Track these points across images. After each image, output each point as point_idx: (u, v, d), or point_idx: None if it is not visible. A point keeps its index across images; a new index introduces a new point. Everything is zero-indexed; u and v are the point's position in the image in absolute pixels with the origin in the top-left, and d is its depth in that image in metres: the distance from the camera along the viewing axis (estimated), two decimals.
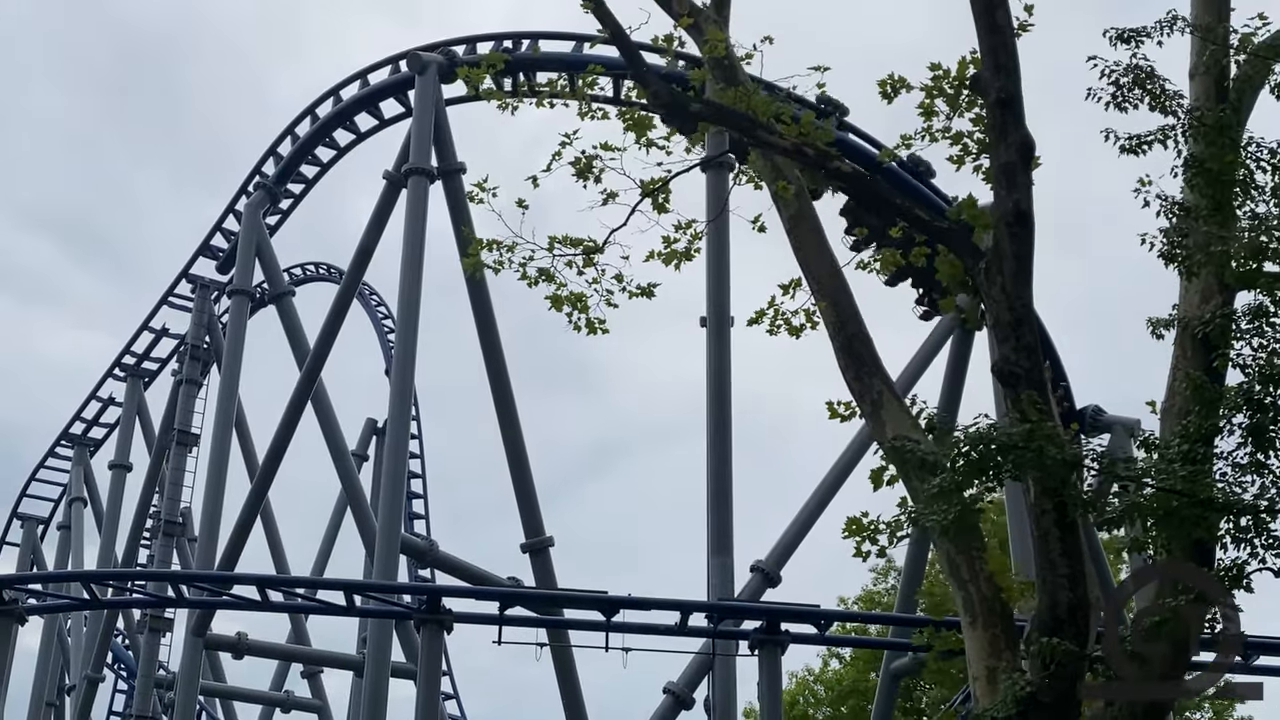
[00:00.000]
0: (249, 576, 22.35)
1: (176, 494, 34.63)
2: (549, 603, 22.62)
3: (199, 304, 36.62)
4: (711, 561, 23.22)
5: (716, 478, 23.33)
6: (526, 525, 26.72)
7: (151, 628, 33.31)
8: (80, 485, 43.16)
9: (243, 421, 34.92)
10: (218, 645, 28.46)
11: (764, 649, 20.90)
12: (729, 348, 24.12)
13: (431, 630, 21.13)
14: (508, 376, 27.48)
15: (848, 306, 14.13)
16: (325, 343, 29.37)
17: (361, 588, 21.93)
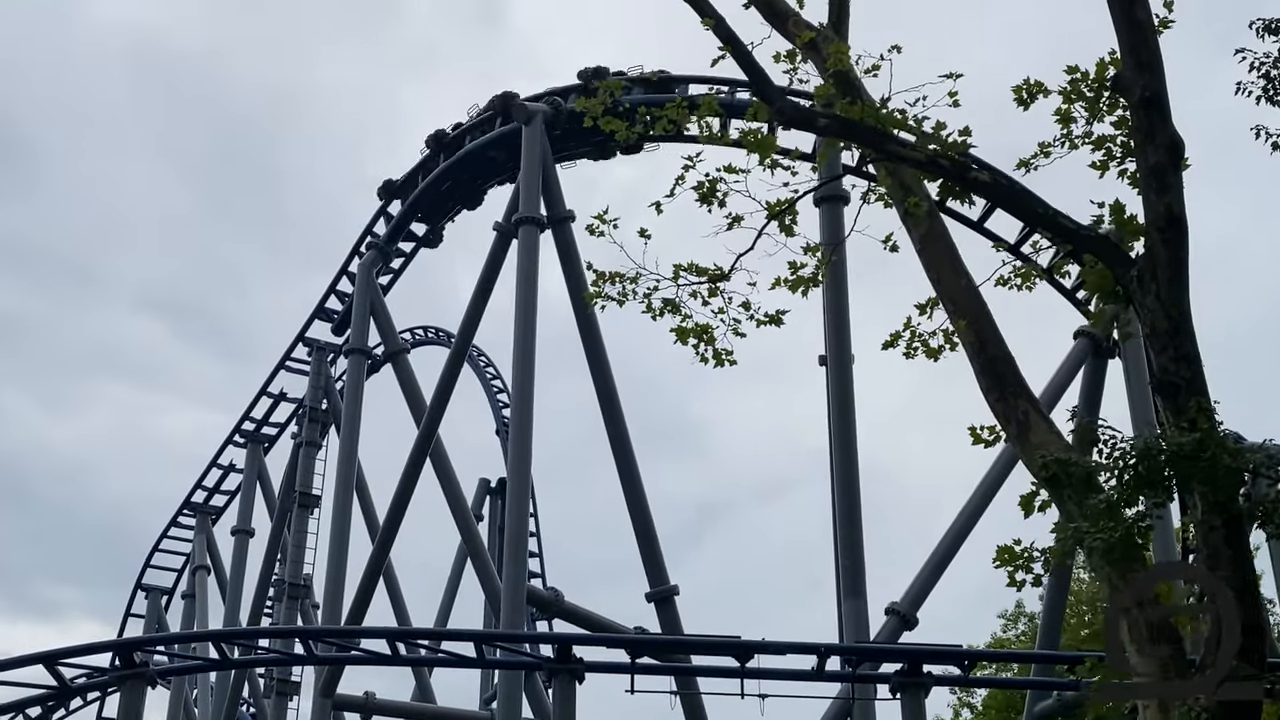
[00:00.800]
0: (378, 630, 22.13)
1: (300, 556, 34.73)
2: (681, 649, 22.04)
3: (316, 366, 36.91)
4: (845, 605, 22.58)
5: (846, 519, 22.72)
6: (650, 574, 26.25)
7: (279, 691, 33.34)
8: (203, 553, 43.59)
9: (362, 481, 34.97)
10: (345, 705, 28.31)
11: (906, 691, 20.12)
12: (851, 385, 23.59)
13: (563, 680, 20.66)
14: (625, 426, 27.11)
15: (987, 326, 13.51)
16: (442, 398, 29.33)
17: (491, 638, 21.56)
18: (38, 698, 21.66)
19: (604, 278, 14.60)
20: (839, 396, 23.42)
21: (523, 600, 23.58)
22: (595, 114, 14.56)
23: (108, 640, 21.28)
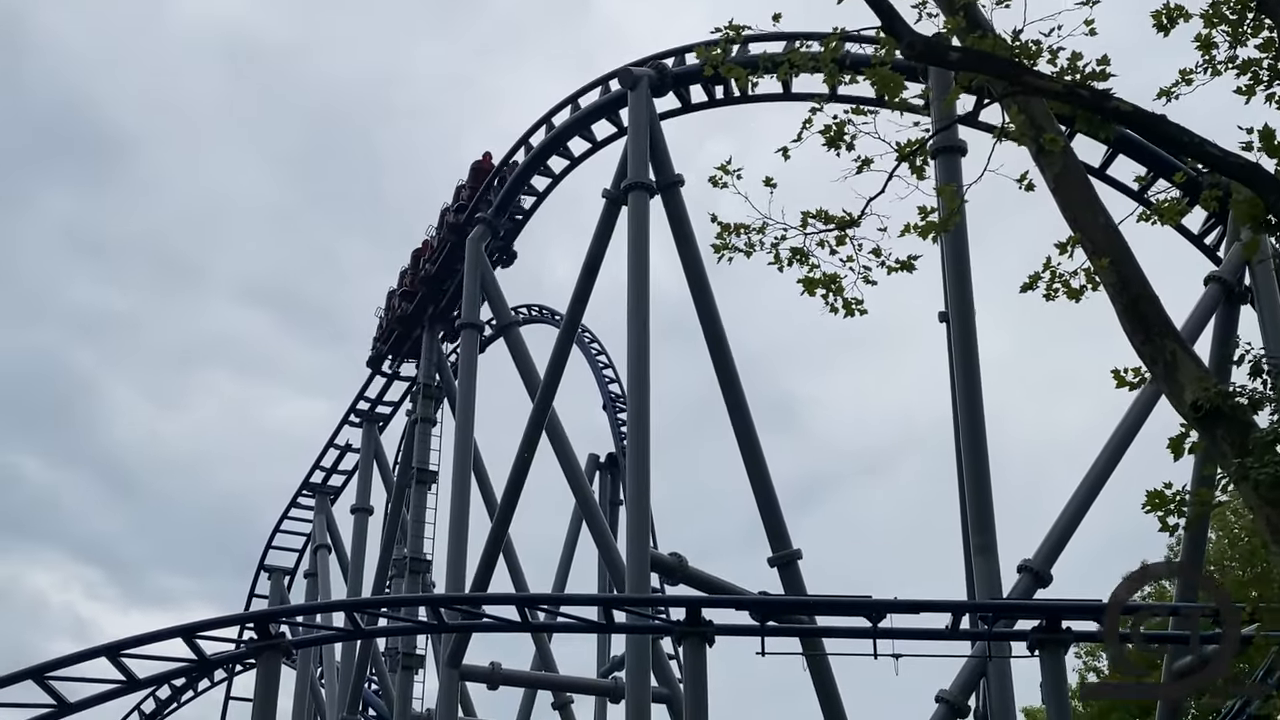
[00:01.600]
0: (504, 596, 22.22)
1: (419, 531, 35.05)
2: (813, 610, 21.79)
3: (429, 343, 37.17)
4: (975, 562, 22.16)
5: (973, 474, 22.28)
6: (772, 538, 26.04)
7: (404, 665, 33.73)
8: (323, 532, 44.26)
9: (478, 457, 35.11)
10: (472, 676, 28.48)
11: (1046, 648, 19.68)
12: (975, 338, 23.12)
13: (693, 643, 20.54)
14: (741, 388, 26.90)
15: (1129, 266, 13.05)
16: (556, 369, 29.31)
17: (620, 602, 21.52)
18: (178, 670, 21.99)
19: (729, 229, 14.41)
20: (962, 350, 22.97)
21: (647, 566, 23.51)
22: (716, 62, 14.34)
23: (243, 613, 21.58)
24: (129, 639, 21.44)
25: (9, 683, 21.19)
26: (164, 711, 54.02)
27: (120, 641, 21.44)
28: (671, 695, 28.00)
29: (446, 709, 27.69)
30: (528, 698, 37.23)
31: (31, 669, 21.15)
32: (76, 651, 21.46)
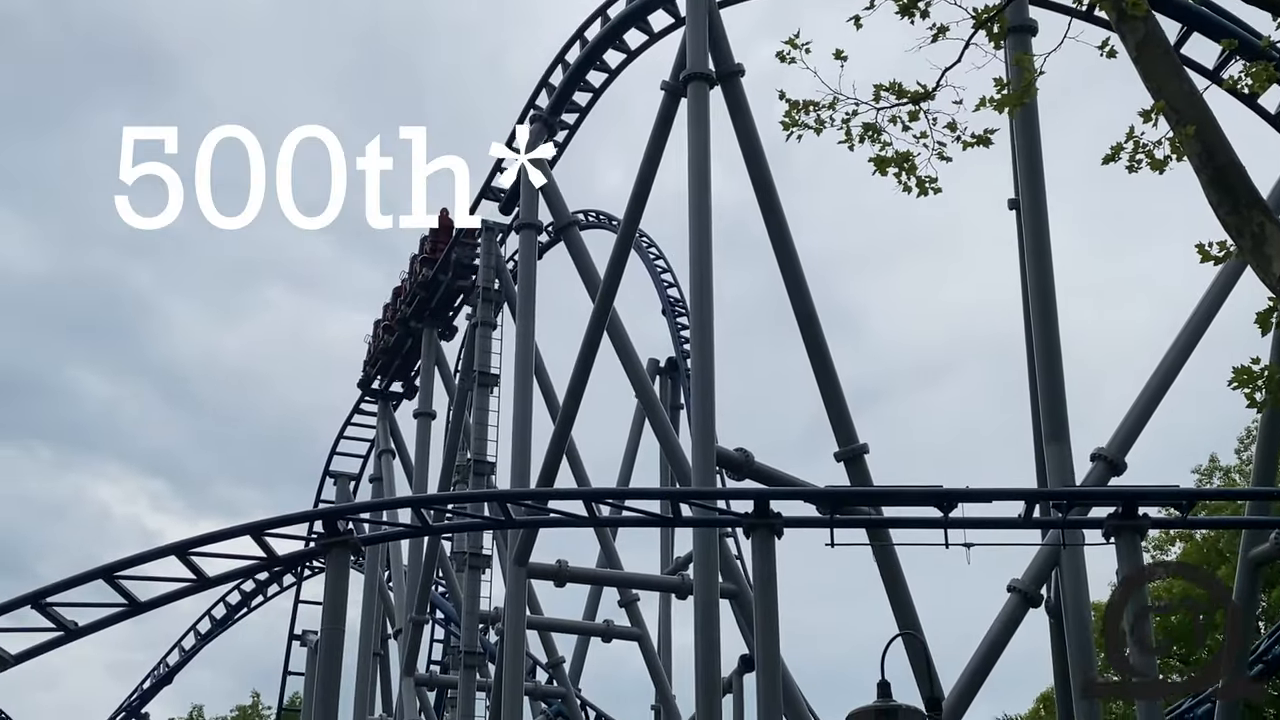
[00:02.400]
0: (571, 491, 22.13)
1: (483, 434, 35.05)
2: (883, 500, 21.52)
3: (486, 246, 36.95)
4: (1047, 451, 21.81)
5: (1046, 359, 21.84)
6: (839, 433, 25.71)
7: (471, 565, 33.93)
8: (386, 438, 44.55)
9: (539, 359, 34.99)
10: (539, 574, 28.54)
11: (1122, 535, 19.32)
12: (1046, 217, 22.54)
13: (762, 535, 20.36)
14: (805, 282, 26.46)
15: (1214, 135, 12.46)
16: (616, 269, 28.98)
17: (687, 495, 21.36)
18: (247, 569, 22.16)
19: (798, 107, 13.97)
20: (1034, 230, 22.41)
21: (712, 460, 23.30)
22: None
23: (311, 510, 21.63)
24: (198, 537, 21.57)
25: (80, 582, 21.42)
26: (234, 616, 55.21)
27: (189, 540, 21.58)
28: (739, 591, 27.95)
29: (514, 607, 27.79)
30: (594, 596, 37.52)
31: (102, 568, 21.35)
32: (146, 550, 21.65)
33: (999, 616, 21.80)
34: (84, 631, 21.94)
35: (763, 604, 20.63)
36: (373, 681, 43.10)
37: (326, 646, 21.18)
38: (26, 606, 21.54)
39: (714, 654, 22.58)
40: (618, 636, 34.74)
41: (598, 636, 35.75)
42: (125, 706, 55.56)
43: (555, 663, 37.13)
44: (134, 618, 21.99)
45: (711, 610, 22.75)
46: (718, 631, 22.92)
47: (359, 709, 41.71)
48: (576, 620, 36.84)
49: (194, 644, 54.58)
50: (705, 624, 22.59)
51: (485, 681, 34.63)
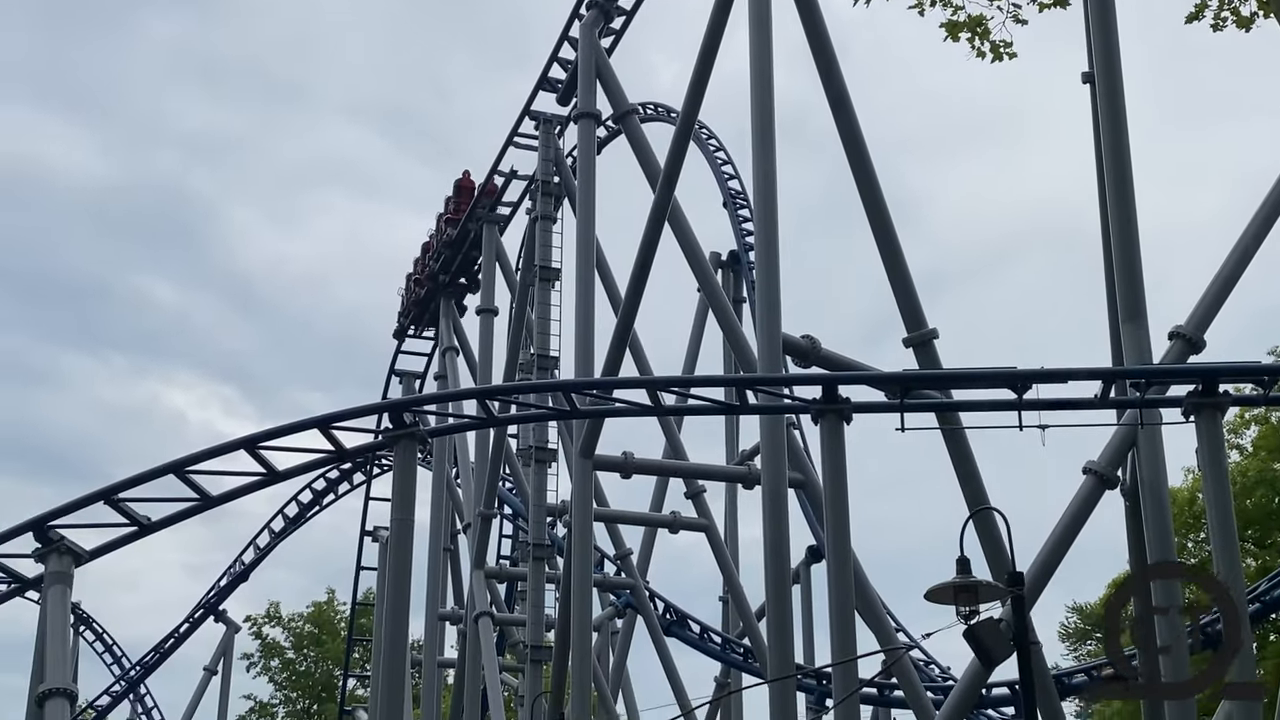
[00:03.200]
0: (637, 379, 21.92)
1: (545, 328, 34.86)
2: (955, 383, 21.09)
3: (544, 139, 36.49)
4: (1123, 330, 21.23)
5: (1122, 233, 21.12)
6: (907, 318, 25.14)
7: (538, 459, 33.99)
8: (450, 335, 44.55)
9: (600, 251, 34.62)
10: (604, 466, 28.45)
11: (1202, 414, 18.84)
12: (1122, 86, 21.68)
13: (831, 421, 20.09)
14: (872, 164, 25.77)
15: None
16: (676, 158, 28.37)
17: (753, 382, 21.07)
18: (316, 461, 22.22)
19: None
20: (1109, 102, 21.57)
21: (778, 346, 22.93)
22: None
23: (378, 402, 21.60)
24: (266, 431, 21.67)
25: (151, 477, 21.60)
26: (306, 514, 56.04)
27: (258, 434, 21.67)
28: (806, 481, 27.75)
29: (580, 499, 27.77)
30: (660, 488, 37.49)
31: (172, 463, 21.50)
32: (215, 445, 21.76)
33: (1074, 499, 21.39)
34: (156, 526, 22.17)
35: (832, 491, 20.43)
36: (444, 576, 43.63)
37: (396, 537, 21.30)
38: (100, 502, 21.78)
39: (782, 544, 22.44)
40: (685, 528, 34.73)
41: (665, 528, 35.79)
42: (203, 604, 56.78)
43: (623, 555, 37.27)
44: (205, 513, 22.21)
45: (779, 500, 22.57)
46: (786, 521, 22.76)
47: (431, 603, 42.29)
48: (643, 512, 36.87)
49: (268, 542, 55.50)
50: (773, 514, 22.42)
51: (554, 573, 34.87)
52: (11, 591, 22.78)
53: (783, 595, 22.03)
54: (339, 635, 66.24)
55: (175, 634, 56.64)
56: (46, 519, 21.37)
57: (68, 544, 21.43)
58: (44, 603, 21.16)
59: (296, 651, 71.41)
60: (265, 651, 70.76)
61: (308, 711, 70.72)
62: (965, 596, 10.45)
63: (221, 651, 56.90)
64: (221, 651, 56.90)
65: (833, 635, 19.88)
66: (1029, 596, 20.47)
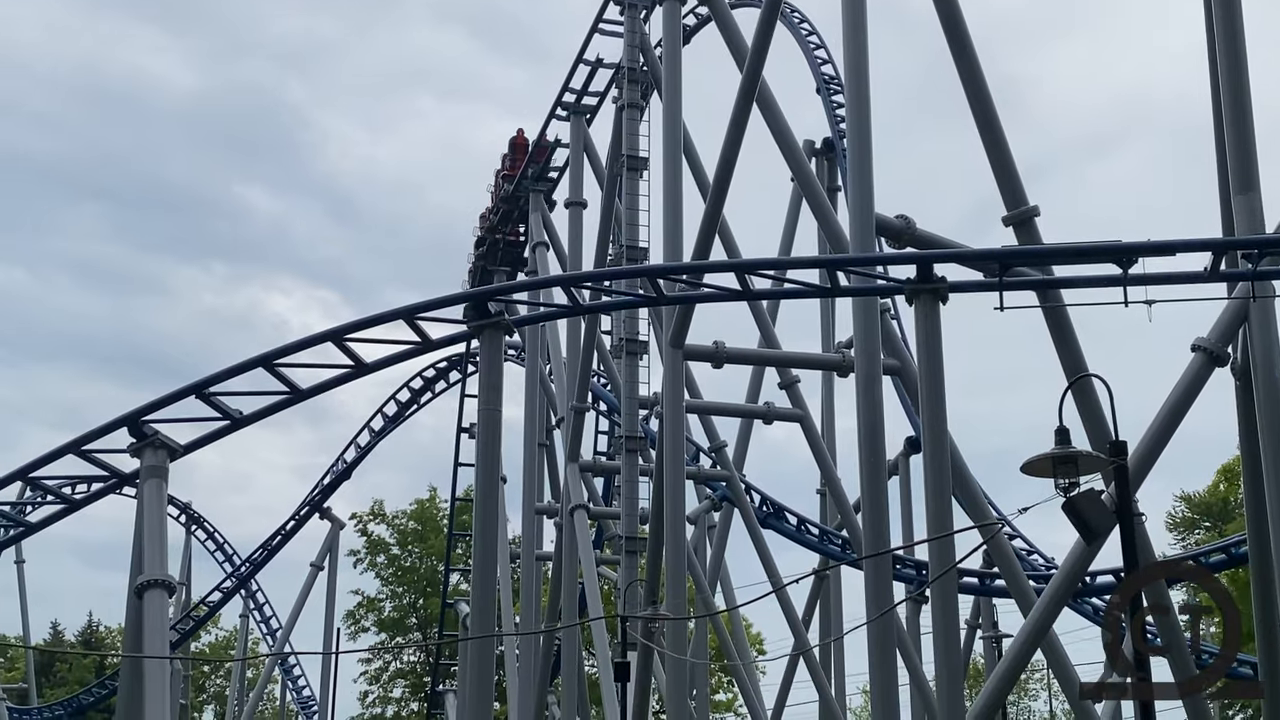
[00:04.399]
0: (726, 263, 21.35)
1: (634, 219, 34.33)
2: (1056, 258, 20.26)
3: (629, 24, 35.66)
4: (1235, 202, 20.21)
5: (1234, 103, 20.06)
6: (1007, 195, 24.19)
7: (629, 351, 33.68)
8: (540, 230, 44.20)
9: (688, 138, 33.88)
10: (696, 355, 27.97)
11: None
12: None
13: (926, 302, 19.42)
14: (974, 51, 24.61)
15: None
16: (763, 36, 27.45)
17: (845, 263, 20.40)
18: (402, 353, 22.08)
19: None
20: None
21: (871, 226, 22.22)
22: None
23: (462, 291, 21.33)
24: (353, 323, 21.54)
25: (240, 371, 21.63)
26: (405, 413, 56.62)
27: (345, 325, 21.56)
28: (902, 367, 27.13)
29: (672, 390, 27.38)
30: (754, 379, 36.97)
31: (260, 356, 21.49)
32: (303, 338, 21.70)
33: (1182, 377, 20.58)
34: (247, 420, 22.26)
35: (928, 374, 19.83)
36: (540, 471, 43.78)
37: (484, 426, 21.13)
38: (191, 397, 21.89)
39: (878, 432, 21.91)
40: (779, 418, 34.30)
41: (759, 419, 35.35)
42: (309, 501, 57.83)
43: (717, 447, 36.91)
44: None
45: (874, 385, 22.02)
46: (881, 408, 22.21)
47: (527, 497, 42.53)
48: (737, 403, 36.43)
49: (369, 441, 56.22)
50: (868, 400, 21.86)
51: (648, 466, 34.67)
52: (109, 486, 23.11)
53: (879, 486, 21.53)
54: (441, 531, 67.20)
55: (282, 531, 57.87)
56: (140, 414, 21.53)
57: (162, 438, 21.60)
58: (140, 496, 21.39)
59: (401, 548, 72.73)
60: (370, 548, 72.16)
61: (413, 605, 72.13)
62: (1065, 469, 9.89)
63: (327, 548, 58.04)
64: (327, 548, 58.04)
65: (929, 509, 19.38)
66: (1134, 474, 19.83)
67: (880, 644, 20.27)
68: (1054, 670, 23.51)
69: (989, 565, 38.77)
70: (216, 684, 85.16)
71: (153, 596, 20.10)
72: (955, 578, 20.75)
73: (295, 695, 68.46)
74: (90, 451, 22.32)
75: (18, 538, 28.11)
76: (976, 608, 40.96)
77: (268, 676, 65.07)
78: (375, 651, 70.72)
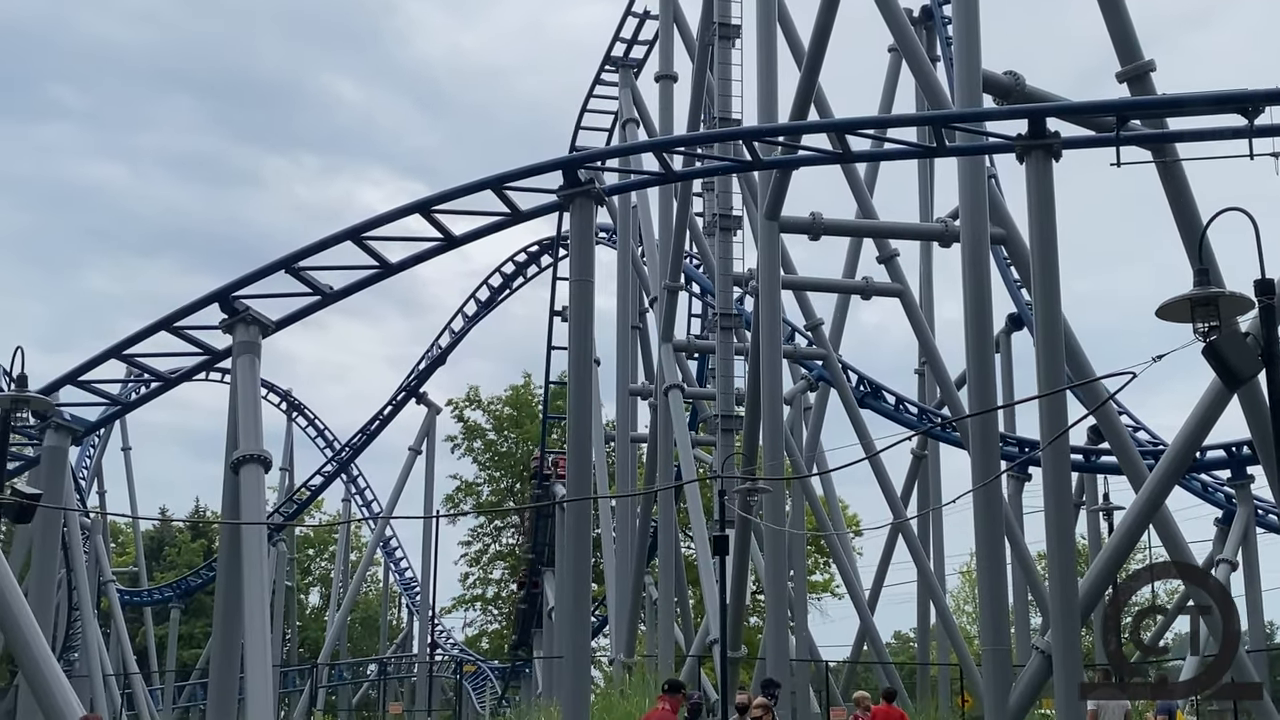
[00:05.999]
0: (822, 123, 20.40)
1: (726, 89, 33.30)
2: (1178, 107, 19.08)
3: None
4: None
5: None
6: (1121, 50, 22.91)
7: (722, 226, 32.93)
8: (630, 106, 43.30)
9: (781, 2, 32.60)
10: (792, 227, 27.06)
11: None
12: None
13: (1038, 159, 18.42)
14: None
15: None
16: None
17: (951, 119, 19.40)
18: (491, 225, 21.59)
19: None
20: None
21: (978, 82, 21.11)
22: None
23: (552, 159, 20.67)
24: (441, 193, 21.06)
25: (329, 245, 21.31)
26: (497, 298, 56.49)
27: (433, 196, 21.09)
28: (1008, 235, 26.01)
29: (768, 263, 26.57)
30: (852, 254, 36.00)
31: (348, 230, 21.13)
32: (390, 210, 21.28)
33: None
34: (338, 295, 22.01)
35: (1040, 236, 18.90)
36: (633, 353, 43.43)
37: (577, 296, 20.63)
38: (281, 272, 21.64)
39: (984, 297, 21.05)
40: (878, 293, 33.35)
41: (857, 294, 34.44)
42: (404, 387, 58.23)
43: (813, 325, 36.13)
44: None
45: (981, 250, 21.10)
46: (988, 272, 21.35)
47: (621, 379, 42.26)
48: (834, 279, 35.53)
49: (462, 326, 56.29)
50: (974, 266, 20.95)
51: (743, 346, 34.06)
52: (202, 364, 23.06)
53: (985, 359, 20.72)
54: (536, 417, 67.43)
55: (380, 416, 58.45)
56: (231, 289, 21.35)
57: (253, 314, 21.43)
58: (234, 373, 21.29)
59: (497, 433, 73.20)
60: (467, 434, 72.73)
61: (510, 489, 72.75)
62: (1204, 311, 9.14)
63: (424, 432, 58.55)
64: (424, 432, 58.55)
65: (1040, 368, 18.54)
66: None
67: (987, 514, 19.64)
68: (1166, 546, 22.71)
69: (1094, 442, 37.88)
70: (321, 567, 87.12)
71: (249, 471, 20.06)
72: (1068, 442, 19.98)
73: (398, 577, 69.85)
74: (182, 329, 22.23)
75: (116, 415, 28.35)
76: (1080, 485, 40.11)
77: (370, 558, 66.27)
78: (476, 512, 71.39)
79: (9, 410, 13.39)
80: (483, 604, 73.93)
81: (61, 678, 17.60)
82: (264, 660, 18.84)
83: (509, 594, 71.27)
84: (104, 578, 54.11)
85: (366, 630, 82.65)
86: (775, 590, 25.48)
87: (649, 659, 39.21)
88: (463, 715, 59.87)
